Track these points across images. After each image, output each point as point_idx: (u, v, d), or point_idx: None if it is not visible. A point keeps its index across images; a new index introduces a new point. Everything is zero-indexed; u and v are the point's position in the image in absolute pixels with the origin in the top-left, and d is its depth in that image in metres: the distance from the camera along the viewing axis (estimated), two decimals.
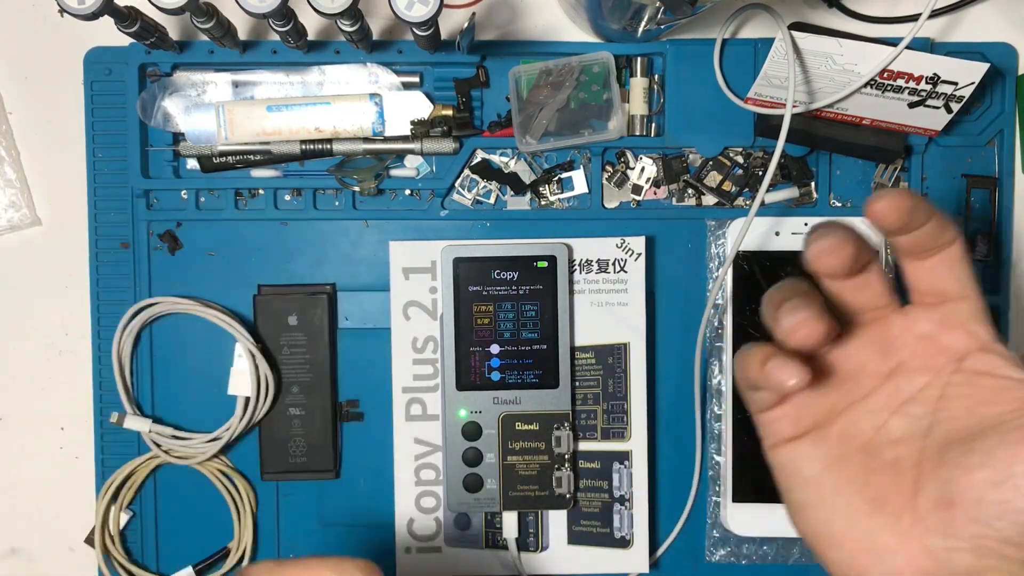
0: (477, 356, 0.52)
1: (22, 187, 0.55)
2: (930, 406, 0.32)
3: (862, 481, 0.32)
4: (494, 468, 0.52)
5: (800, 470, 0.33)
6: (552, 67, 0.53)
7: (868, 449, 0.33)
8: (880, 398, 0.33)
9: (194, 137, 0.52)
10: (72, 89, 0.54)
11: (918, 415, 0.32)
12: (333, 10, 0.42)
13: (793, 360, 0.31)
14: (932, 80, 0.49)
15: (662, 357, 0.55)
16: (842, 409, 0.34)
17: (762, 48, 0.53)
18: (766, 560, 0.55)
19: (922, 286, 0.33)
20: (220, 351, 0.54)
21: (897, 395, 0.33)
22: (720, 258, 0.54)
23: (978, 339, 0.32)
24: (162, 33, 0.50)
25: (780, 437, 0.34)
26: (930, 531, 0.30)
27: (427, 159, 0.54)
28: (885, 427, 0.33)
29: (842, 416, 0.34)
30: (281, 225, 0.54)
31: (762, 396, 0.34)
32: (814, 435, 0.34)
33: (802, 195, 0.54)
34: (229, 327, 0.52)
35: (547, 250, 0.52)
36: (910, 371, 0.33)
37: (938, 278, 0.32)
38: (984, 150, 0.55)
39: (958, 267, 0.32)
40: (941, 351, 0.33)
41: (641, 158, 0.54)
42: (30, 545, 0.56)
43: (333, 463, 0.54)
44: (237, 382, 0.53)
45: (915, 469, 0.31)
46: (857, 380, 0.34)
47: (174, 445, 0.53)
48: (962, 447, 0.30)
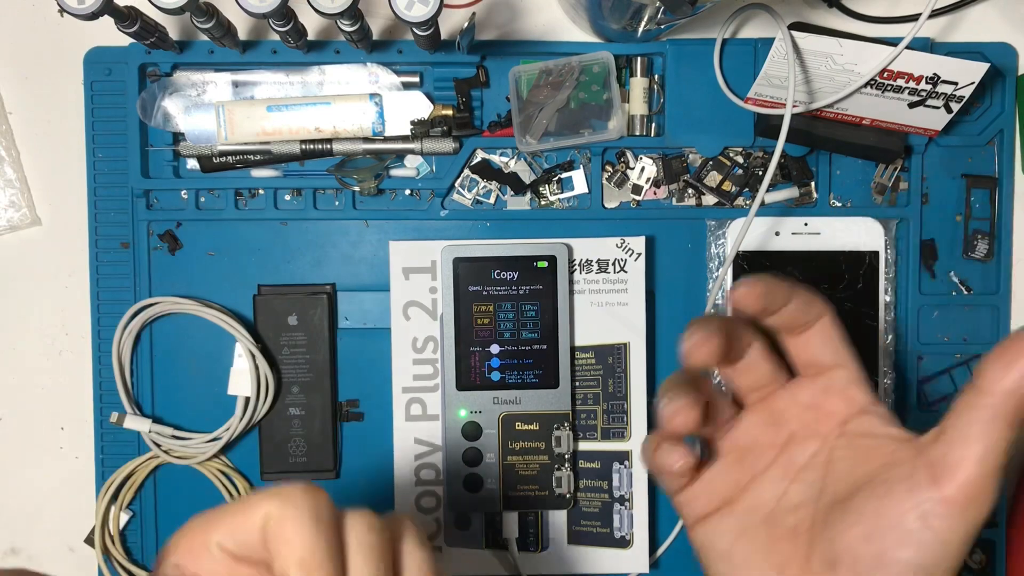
0: (477, 356, 0.52)
1: (22, 187, 0.55)
2: (821, 471, 0.34)
3: (767, 550, 0.34)
4: (494, 468, 0.52)
5: (714, 545, 0.36)
6: (552, 67, 0.53)
7: (772, 518, 0.35)
8: (778, 468, 0.36)
9: (194, 137, 0.52)
10: (72, 89, 0.54)
11: (811, 480, 0.35)
12: (333, 10, 0.42)
13: (677, 446, 0.35)
14: (932, 80, 0.49)
15: (662, 357, 0.55)
16: (746, 483, 0.36)
17: (762, 48, 0.53)
18: None
19: (800, 359, 0.36)
20: (220, 351, 0.54)
21: (793, 464, 0.35)
22: (720, 258, 0.54)
23: (857, 403, 0.35)
24: (162, 33, 0.50)
25: (695, 515, 0.36)
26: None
27: (427, 159, 0.54)
28: (785, 495, 0.35)
29: (747, 490, 0.36)
30: (281, 225, 0.54)
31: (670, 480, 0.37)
32: (724, 510, 0.36)
33: (802, 195, 0.54)
34: (229, 327, 0.52)
35: (547, 250, 0.52)
36: (801, 439, 0.35)
37: (813, 350, 0.35)
38: (984, 150, 0.55)
39: (831, 338, 0.35)
40: (825, 418, 0.35)
41: (641, 158, 0.54)
42: (30, 545, 0.56)
43: (333, 463, 0.54)
44: (237, 382, 0.53)
45: (808, 532, 0.33)
46: (756, 454, 0.36)
47: (174, 445, 0.53)
48: (841, 507, 0.32)
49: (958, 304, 0.55)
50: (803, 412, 0.36)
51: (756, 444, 0.36)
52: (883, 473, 0.31)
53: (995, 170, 0.55)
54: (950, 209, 0.55)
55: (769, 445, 0.36)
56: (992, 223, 0.55)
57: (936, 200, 0.55)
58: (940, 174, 0.55)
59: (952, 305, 0.55)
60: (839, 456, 0.34)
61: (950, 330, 0.55)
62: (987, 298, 0.55)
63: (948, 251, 0.55)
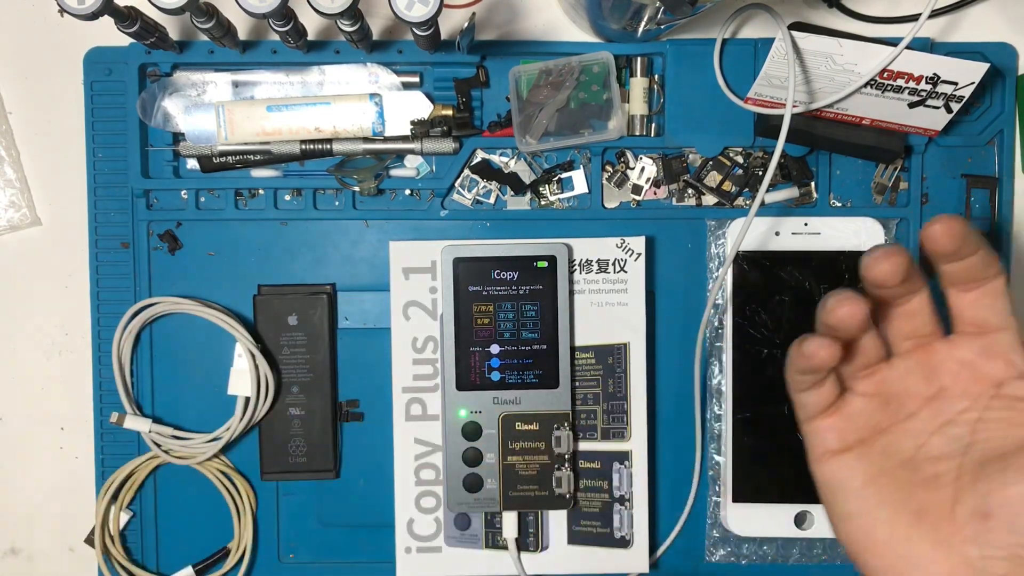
0: (477, 356, 0.52)
1: (22, 187, 0.55)
2: (969, 427, 0.35)
3: (904, 494, 0.35)
4: (494, 468, 0.52)
5: (845, 482, 0.36)
6: (552, 67, 0.53)
7: (909, 465, 0.35)
8: (922, 419, 0.36)
9: (194, 137, 0.52)
10: (72, 89, 0.54)
11: (957, 435, 0.35)
12: (333, 10, 0.42)
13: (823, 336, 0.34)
14: (932, 80, 0.49)
15: (662, 357, 0.55)
16: (886, 427, 0.36)
17: (762, 48, 0.53)
18: (766, 560, 0.55)
19: (966, 316, 0.36)
20: (220, 351, 0.54)
21: (938, 417, 0.36)
22: (720, 258, 0.54)
23: (1016, 368, 0.35)
24: (162, 33, 0.50)
25: (825, 449, 0.36)
26: (967, 541, 0.32)
27: (427, 159, 0.54)
28: (926, 445, 0.35)
29: (885, 434, 0.36)
30: (281, 225, 0.54)
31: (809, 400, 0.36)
32: (858, 450, 0.36)
33: (802, 195, 0.54)
34: (229, 327, 0.52)
35: (547, 250, 0.52)
36: (951, 396, 0.36)
37: (981, 310, 0.35)
38: (984, 150, 0.55)
39: (1000, 300, 0.35)
40: (981, 378, 0.35)
41: (641, 158, 0.54)
42: (30, 545, 0.56)
43: (333, 463, 0.54)
44: (237, 382, 0.53)
45: (954, 484, 0.34)
46: (901, 402, 0.36)
47: (174, 445, 0.53)
48: (999, 464, 0.33)
49: None
50: (959, 368, 0.36)
51: (903, 391, 0.36)
52: None
53: (995, 170, 0.55)
54: (950, 209, 0.55)
55: (917, 395, 0.36)
56: (992, 223, 0.55)
57: (936, 200, 0.55)
58: (940, 174, 0.55)
59: None
60: (993, 416, 0.34)
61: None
62: None
63: None
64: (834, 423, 0.37)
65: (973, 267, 0.34)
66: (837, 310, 0.33)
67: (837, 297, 0.34)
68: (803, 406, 0.37)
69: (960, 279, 0.35)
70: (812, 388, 0.36)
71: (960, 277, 0.35)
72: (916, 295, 0.35)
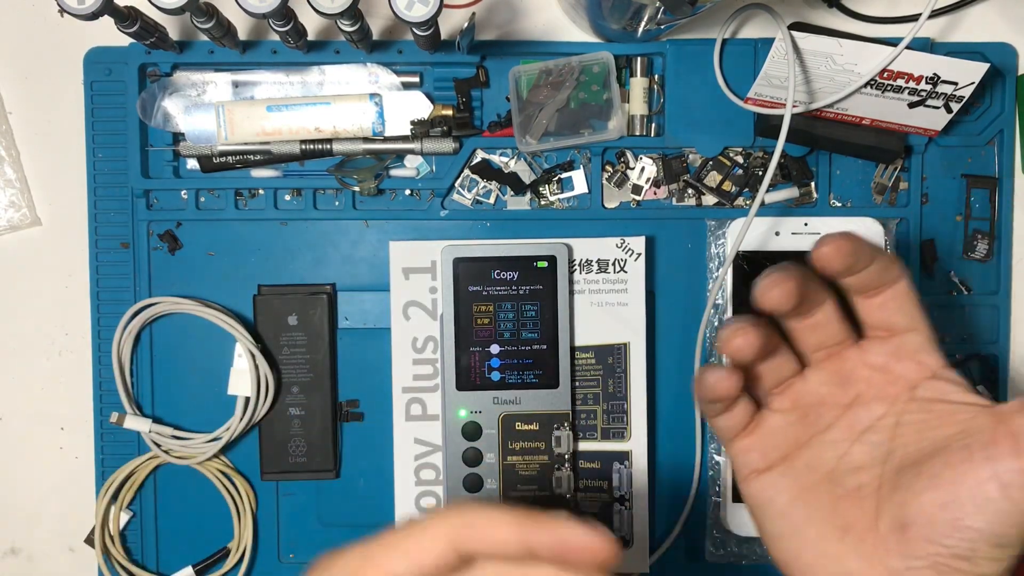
0: (477, 356, 0.52)
1: (22, 187, 0.55)
2: (887, 433, 0.34)
3: (829, 509, 0.34)
4: (494, 468, 0.52)
5: (771, 501, 0.35)
6: (552, 67, 0.53)
7: (833, 478, 0.35)
8: (841, 428, 0.35)
9: (194, 137, 0.52)
10: (72, 89, 0.54)
11: (876, 442, 0.34)
12: (333, 10, 0.42)
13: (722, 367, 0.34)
14: (932, 80, 0.49)
15: (662, 357, 0.55)
16: (806, 440, 0.36)
17: (762, 48, 0.53)
18: (766, 560, 0.55)
19: (873, 321, 0.35)
20: (220, 351, 0.54)
21: (856, 425, 0.35)
22: (720, 258, 0.54)
23: (928, 368, 0.34)
24: (162, 33, 0.50)
25: (750, 469, 0.36)
26: (891, 553, 0.32)
27: (427, 159, 0.54)
28: (847, 456, 0.35)
29: (807, 447, 0.36)
30: (281, 225, 0.54)
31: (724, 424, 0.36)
32: (782, 467, 0.36)
33: (802, 195, 0.54)
34: (229, 327, 0.52)
35: (547, 250, 0.52)
36: (867, 401, 0.35)
37: (888, 313, 0.35)
38: (984, 150, 0.55)
39: (906, 302, 0.35)
40: (894, 381, 0.35)
41: (641, 158, 0.54)
42: (30, 545, 0.56)
43: (333, 463, 0.54)
44: (237, 382, 0.53)
45: (875, 495, 0.33)
46: (819, 412, 0.36)
47: (174, 445, 0.53)
48: (913, 471, 0.32)
49: (958, 304, 0.55)
50: (872, 374, 0.35)
51: (820, 402, 0.36)
52: (959, 440, 0.31)
53: (995, 170, 0.55)
54: (950, 209, 0.55)
55: (833, 404, 0.36)
56: (992, 223, 0.55)
57: (936, 200, 0.55)
58: (940, 174, 0.55)
59: (952, 305, 0.55)
60: (909, 420, 0.34)
61: (950, 330, 0.55)
62: (987, 298, 0.55)
63: (948, 251, 0.55)
64: (754, 442, 0.36)
65: (872, 276, 0.34)
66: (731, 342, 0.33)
67: (730, 328, 0.33)
68: (719, 430, 0.37)
69: (862, 288, 0.34)
70: (724, 413, 0.36)
71: (861, 286, 0.34)
72: (820, 307, 0.35)
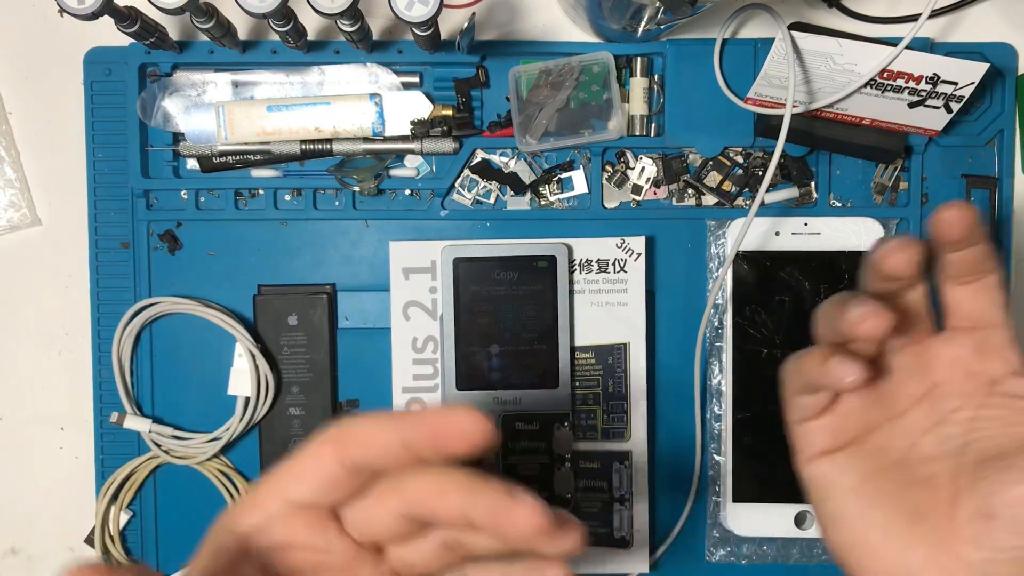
0: (477, 356, 0.52)
1: (22, 187, 0.55)
2: (962, 427, 0.34)
3: (898, 494, 0.34)
4: (494, 468, 0.52)
5: (836, 483, 0.35)
6: (552, 67, 0.53)
7: (902, 465, 0.34)
8: (915, 417, 0.35)
9: (194, 137, 0.52)
10: (72, 89, 0.54)
11: (950, 435, 0.34)
12: (333, 10, 0.42)
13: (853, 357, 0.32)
14: (932, 80, 0.49)
15: (662, 357, 0.55)
16: (877, 426, 0.35)
17: (762, 48, 0.53)
18: (766, 560, 0.55)
19: (961, 311, 0.35)
20: (220, 351, 0.54)
21: (931, 415, 0.35)
22: (720, 258, 0.54)
23: (1010, 365, 0.34)
24: (162, 33, 0.50)
25: (816, 449, 0.35)
26: (968, 543, 0.32)
27: (427, 159, 0.54)
28: (918, 445, 0.35)
29: (877, 433, 0.35)
30: (281, 225, 0.54)
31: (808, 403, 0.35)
32: (850, 449, 0.35)
33: (802, 195, 0.54)
34: (229, 327, 0.52)
35: (547, 250, 0.52)
36: (944, 394, 0.35)
37: (978, 304, 0.34)
38: (984, 150, 0.55)
39: (996, 295, 0.34)
40: (975, 375, 0.34)
41: (641, 158, 0.54)
42: (30, 545, 0.56)
43: None
44: (237, 382, 0.53)
45: (951, 484, 0.33)
46: (894, 398, 0.35)
47: (174, 445, 0.53)
48: (1000, 463, 0.32)
49: None
50: (952, 365, 0.35)
51: (896, 389, 0.35)
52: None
53: (995, 170, 0.55)
54: None
55: (910, 393, 0.35)
56: (992, 223, 0.55)
57: (936, 200, 0.55)
58: (940, 174, 0.55)
59: None
60: (989, 415, 0.34)
61: None
62: None
63: None
64: (827, 423, 0.35)
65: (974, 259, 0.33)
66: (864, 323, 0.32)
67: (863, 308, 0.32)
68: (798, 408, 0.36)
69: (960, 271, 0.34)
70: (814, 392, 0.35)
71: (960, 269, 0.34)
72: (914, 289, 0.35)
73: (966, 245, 0.33)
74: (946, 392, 0.35)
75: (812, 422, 0.36)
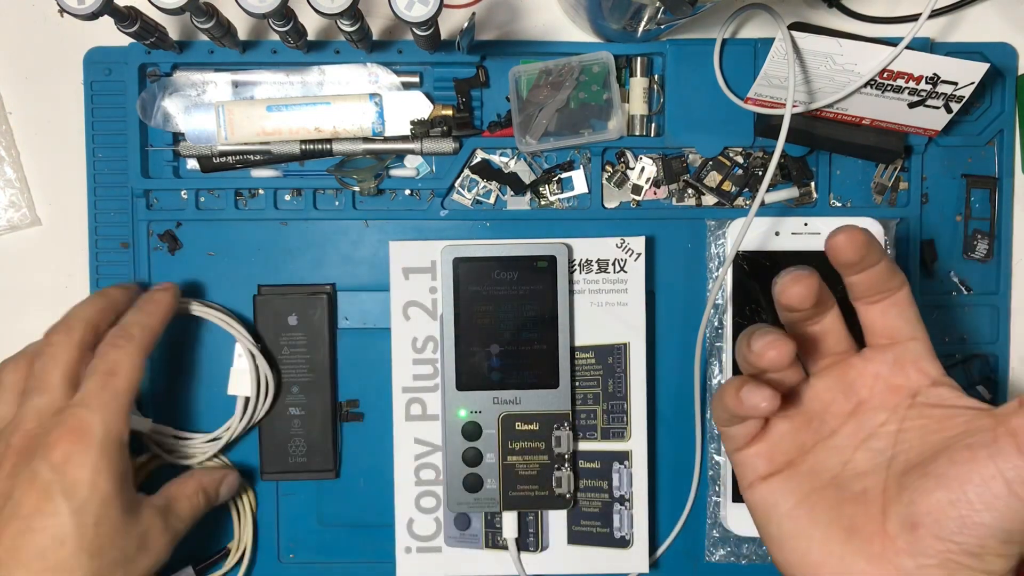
0: (477, 356, 0.52)
1: (22, 187, 0.55)
2: (890, 439, 0.35)
3: (835, 512, 0.35)
4: (494, 468, 0.52)
5: (776, 506, 0.36)
6: (552, 67, 0.53)
7: (837, 483, 0.35)
8: (845, 435, 0.36)
9: (194, 137, 0.52)
10: (72, 89, 0.54)
11: (880, 448, 0.35)
12: (333, 10, 0.42)
13: (764, 385, 0.34)
14: (932, 80, 0.49)
15: (662, 357, 0.55)
16: (811, 447, 0.37)
17: (762, 48, 0.53)
18: (766, 560, 0.55)
19: (875, 328, 0.36)
20: (220, 351, 0.54)
21: (859, 432, 0.36)
22: (720, 258, 0.54)
23: (928, 375, 0.36)
24: (162, 33, 0.50)
25: (756, 475, 0.37)
26: (900, 552, 0.33)
27: (427, 159, 0.54)
28: (851, 462, 0.36)
29: (811, 453, 0.36)
30: (281, 225, 0.54)
31: (738, 432, 0.37)
32: (787, 472, 0.36)
33: (802, 195, 0.54)
34: (229, 327, 0.52)
35: (547, 250, 0.52)
36: (870, 409, 0.36)
37: (890, 320, 0.36)
38: (984, 150, 0.55)
39: (907, 309, 0.36)
40: (896, 389, 0.36)
41: (641, 158, 0.54)
42: None
43: (333, 463, 0.54)
44: (237, 382, 0.53)
45: (881, 497, 0.34)
46: (823, 419, 0.37)
47: (175, 445, 0.53)
48: (919, 472, 0.33)
49: (958, 304, 0.55)
50: (874, 381, 0.36)
51: (824, 410, 0.37)
52: (962, 439, 0.32)
53: (995, 170, 0.55)
54: (950, 209, 0.55)
55: (837, 412, 0.36)
56: (992, 223, 0.55)
57: (936, 200, 0.55)
58: (940, 174, 0.55)
59: (952, 305, 0.55)
60: (910, 426, 0.35)
61: (950, 330, 0.55)
62: (987, 298, 0.55)
63: (948, 251, 0.55)
64: (760, 449, 0.37)
65: (878, 277, 0.35)
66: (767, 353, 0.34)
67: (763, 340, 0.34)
68: (731, 438, 0.37)
69: (864, 291, 0.35)
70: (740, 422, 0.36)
71: (865, 289, 0.35)
72: (827, 314, 0.36)
73: (864, 267, 0.34)
74: (872, 407, 0.36)
75: (746, 450, 0.37)
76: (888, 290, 0.35)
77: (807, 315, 0.36)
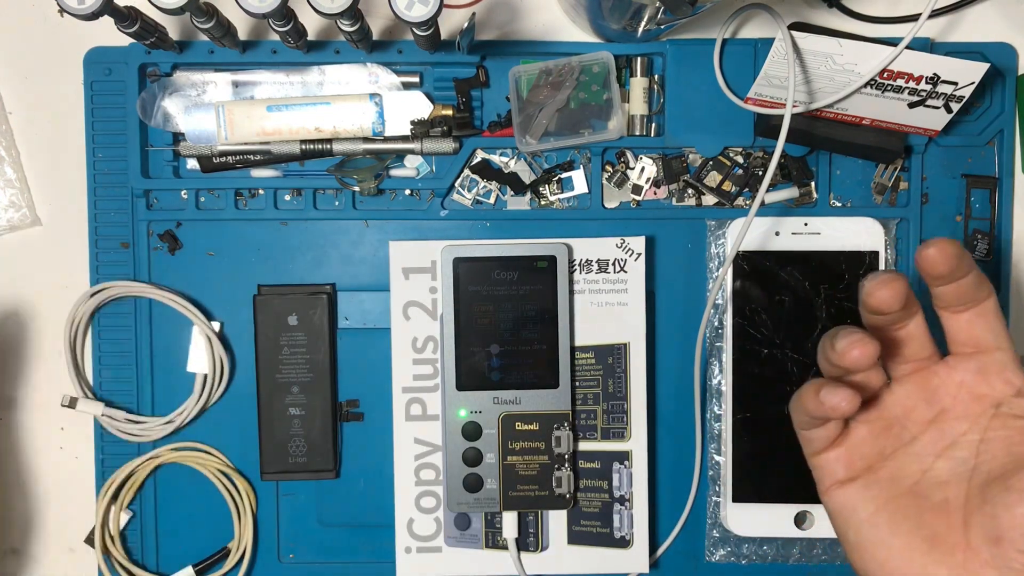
0: (477, 356, 0.52)
1: (22, 187, 0.55)
2: (972, 450, 0.35)
3: (915, 521, 0.35)
4: (494, 468, 0.52)
5: (855, 511, 0.36)
6: (552, 67, 0.53)
7: (917, 491, 0.35)
8: (926, 443, 0.36)
9: (194, 137, 0.52)
10: (72, 89, 0.54)
11: (961, 458, 0.35)
12: (333, 10, 0.42)
13: (844, 386, 0.34)
14: (932, 80, 0.49)
15: (662, 357, 0.55)
16: (890, 453, 0.36)
17: (762, 48, 0.53)
18: (766, 560, 0.55)
19: (961, 337, 0.36)
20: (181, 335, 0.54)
21: (941, 440, 0.36)
22: (720, 258, 0.54)
23: (1013, 386, 0.35)
24: (162, 33, 0.50)
25: (834, 480, 0.36)
26: (984, 565, 0.32)
27: (427, 159, 0.54)
28: (931, 470, 0.35)
29: (890, 460, 0.36)
30: (281, 225, 0.54)
31: (817, 435, 0.36)
32: (866, 478, 0.36)
33: (802, 195, 0.54)
34: (185, 310, 0.53)
35: (547, 250, 0.52)
36: (952, 417, 0.36)
37: (976, 329, 0.35)
38: (984, 150, 0.55)
39: (994, 320, 0.35)
40: (979, 398, 0.35)
41: (641, 158, 0.54)
42: (30, 545, 0.56)
43: (333, 463, 0.54)
44: (196, 359, 0.53)
45: (963, 508, 0.34)
46: (903, 425, 0.36)
47: (128, 428, 0.53)
48: (1002, 484, 0.33)
49: None
50: (957, 390, 0.36)
51: (905, 417, 0.36)
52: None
53: (995, 170, 0.55)
54: (950, 209, 0.55)
55: (919, 419, 0.36)
56: (992, 223, 0.55)
57: (936, 200, 0.55)
58: (940, 174, 0.55)
59: None
60: (993, 436, 0.34)
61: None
62: None
63: None
64: (840, 453, 0.36)
65: (966, 288, 0.34)
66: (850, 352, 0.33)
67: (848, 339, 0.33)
68: (810, 442, 0.37)
69: (953, 301, 0.35)
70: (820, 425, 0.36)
71: (953, 299, 0.35)
72: (912, 319, 0.36)
73: (953, 278, 0.34)
74: (954, 416, 0.36)
75: (825, 454, 0.37)
76: (975, 300, 0.35)
77: (892, 319, 0.35)
